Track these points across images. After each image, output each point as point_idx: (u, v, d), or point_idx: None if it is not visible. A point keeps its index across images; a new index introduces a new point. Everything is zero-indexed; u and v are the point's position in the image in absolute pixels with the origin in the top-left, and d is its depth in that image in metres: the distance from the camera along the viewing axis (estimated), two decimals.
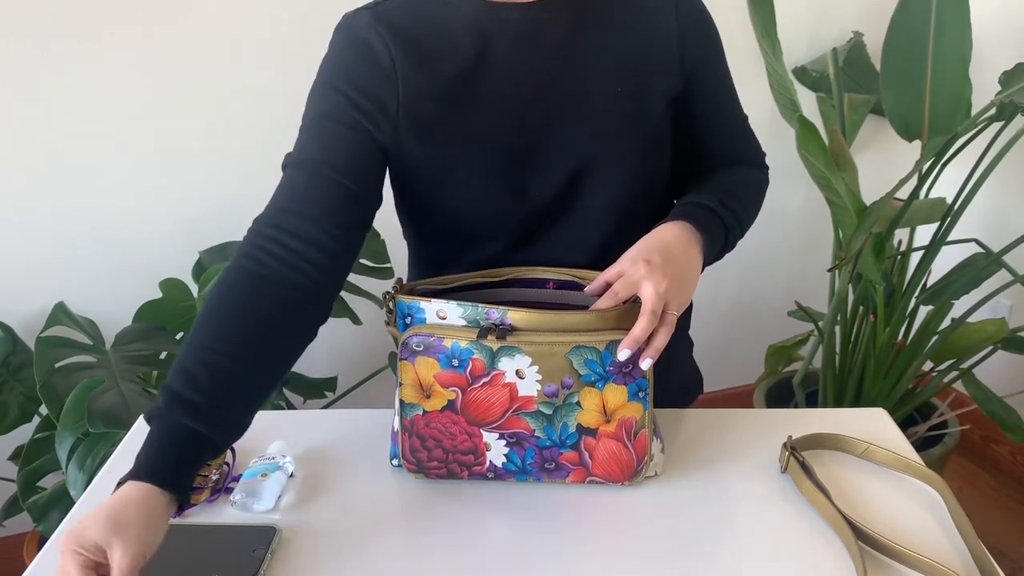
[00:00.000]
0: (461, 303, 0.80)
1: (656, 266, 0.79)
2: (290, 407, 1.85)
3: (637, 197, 0.93)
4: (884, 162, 2.28)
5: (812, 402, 2.07)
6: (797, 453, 0.87)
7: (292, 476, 0.88)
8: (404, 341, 0.80)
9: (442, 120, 0.86)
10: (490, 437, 0.82)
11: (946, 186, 1.87)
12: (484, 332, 0.78)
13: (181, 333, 1.54)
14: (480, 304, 0.79)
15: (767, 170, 1.03)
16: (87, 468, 1.29)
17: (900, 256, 1.86)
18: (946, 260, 1.93)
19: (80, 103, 1.61)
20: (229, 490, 0.85)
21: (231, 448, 0.90)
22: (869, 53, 2.09)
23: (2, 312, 1.68)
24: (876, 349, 1.84)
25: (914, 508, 0.84)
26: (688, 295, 0.83)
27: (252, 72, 1.70)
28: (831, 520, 0.80)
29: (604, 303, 0.80)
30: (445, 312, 0.80)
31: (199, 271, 1.70)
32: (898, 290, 1.84)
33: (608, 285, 0.82)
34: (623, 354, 0.77)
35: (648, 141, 0.91)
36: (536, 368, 0.79)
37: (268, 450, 0.89)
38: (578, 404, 0.80)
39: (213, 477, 0.86)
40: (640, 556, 0.77)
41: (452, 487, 0.87)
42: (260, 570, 0.74)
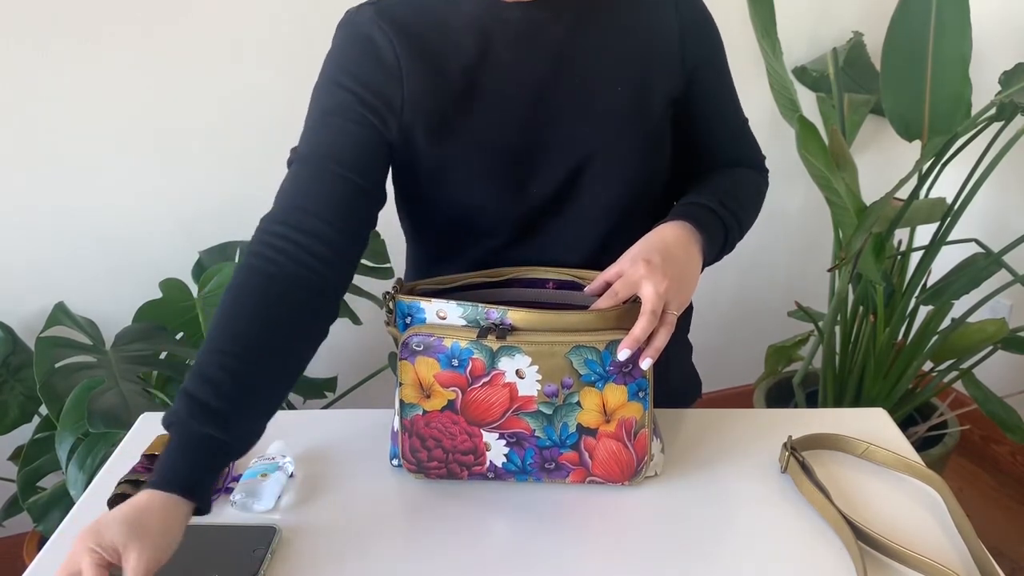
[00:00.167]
0: (461, 303, 0.80)
1: (656, 266, 0.79)
2: (290, 407, 1.85)
3: (636, 197, 0.93)
4: (884, 162, 2.28)
5: (812, 402, 2.07)
6: (797, 453, 0.87)
7: (292, 476, 0.87)
8: (404, 341, 0.80)
9: (445, 117, 0.86)
10: (490, 437, 0.82)
11: (946, 186, 1.87)
12: (484, 332, 0.78)
13: (181, 333, 1.54)
14: (480, 304, 0.79)
15: (767, 173, 1.03)
16: (87, 468, 1.29)
17: (900, 256, 1.86)
18: (946, 260, 1.92)
19: (80, 103, 1.61)
20: (229, 490, 0.85)
21: None
22: (869, 53, 2.09)
23: (2, 312, 1.68)
24: (876, 349, 1.84)
25: (914, 508, 0.84)
26: (688, 295, 0.83)
27: (252, 72, 1.70)
28: (831, 520, 0.80)
29: (604, 303, 0.80)
30: (445, 312, 0.80)
31: (199, 271, 1.70)
32: (898, 290, 1.84)
33: (608, 285, 0.82)
34: (623, 354, 0.77)
35: (648, 141, 0.91)
36: (536, 368, 0.79)
37: (268, 450, 0.89)
38: (578, 404, 0.80)
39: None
40: (640, 556, 0.77)
41: (452, 487, 0.86)
42: (260, 570, 0.74)
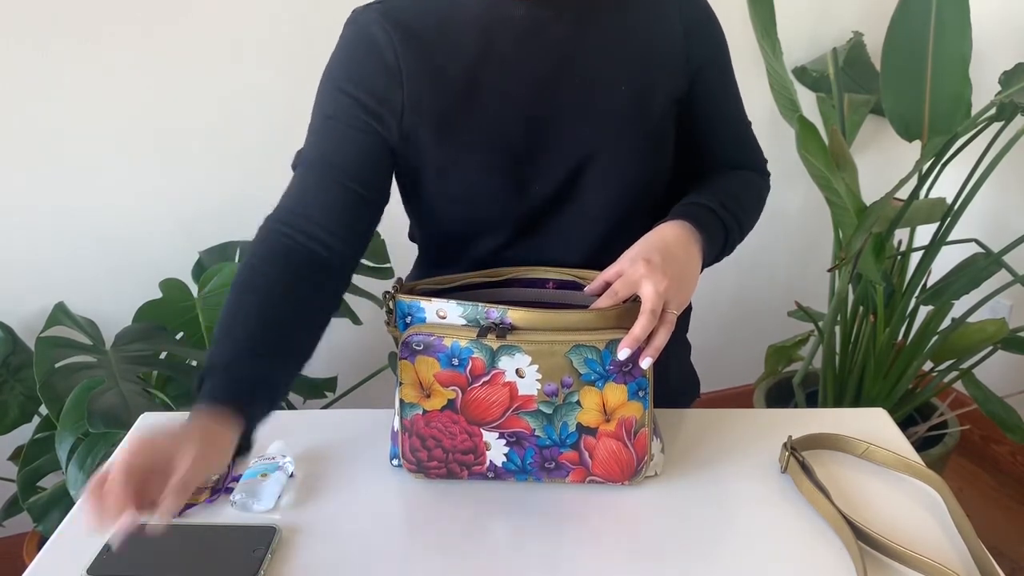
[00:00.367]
0: (461, 302, 0.80)
1: (656, 265, 0.79)
2: (290, 407, 1.85)
3: (637, 196, 0.93)
4: (884, 162, 2.28)
5: (812, 402, 2.07)
6: (797, 453, 0.87)
7: (292, 476, 0.87)
8: (404, 340, 0.80)
9: (446, 116, 0.86)
10: (490, 436, 0.82)
11: (946, 186, 1.87)
12: (484, 331, 0.78)
13: (181, 333, 1.54)
14: (480, 303, 0.79)
15: (769, 177, 1.03)
16: (87, 468, 1.29)
17: (900, 256, 1.86)
18: (946, 260, 1.92)
19: (80, 103, 1.61)
20: (229, 490, 0.85)
21: None
22: (869, 53, 2.09)
23: (2, 312, 1.68)
24: (876, 349, 1.83)
25: (914, 508, 0.84)
26: (688, 294, 0.83)
27: (252, 72, 1.70)
28: (831, 520, 0.80)
29: (604, 302, 0.80)
30: (445, 311, 0.80)
31: (199, 271, 1.70)
32: (898, 290, 1.84)
33: (608, 284, 0.82)
34: (623, 353, 0.77)
35: (650, 141, 0.91)
36: (536, 367, 0.79)
37: (268, 450, 0.89)
38: (578, 403, 0.80)
39: (213, 477, 0.86)
40: (640, 556, 0.77)
41: (452, 487, 0.86)
42: (260, 570, 0.74)
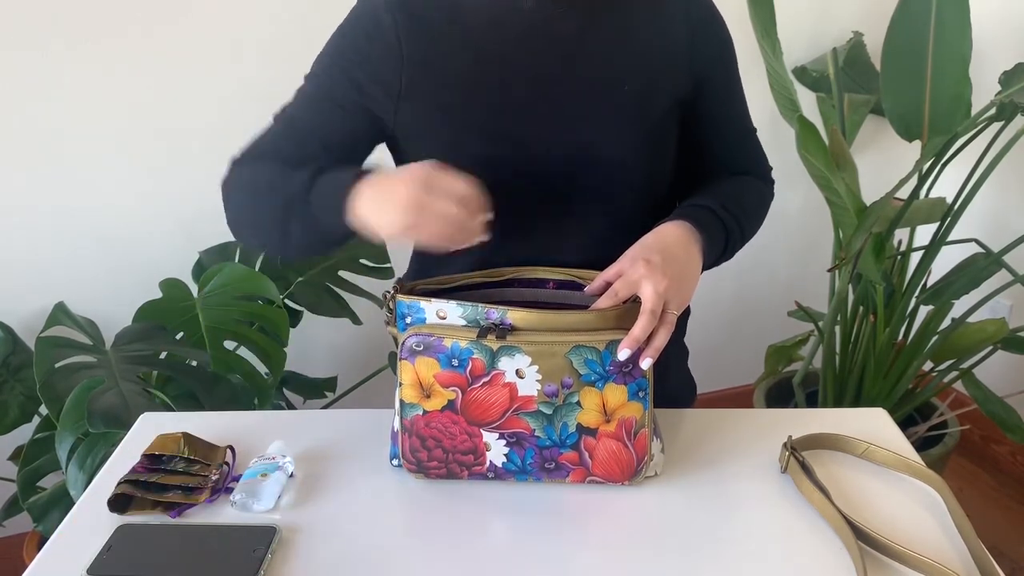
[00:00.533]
0: (461, 303, 0.80)
1: (656, 266, 0.79)
2: (290, 407, 1.85)
3: (637, 196, 0.93)
4: (884, 162, 2.28)
5: (812, 402, 2.07)
6: (797, 453, 0.87)
7: (292, 476, 0.87)
8: (404, 341, 0.80)
9: (445, 103, 0.87)
10: (490, 437, 0.82)
11: (946, 186, 1.87)
12: (484, 332, 0.78)
13: (181, 333, 1.54)
14: (480, 304, 0.79)
15: (773, 184, 1.03)
16: (87, 468, 1.29)
17: (900, 256, 1.86)
18: (946, 260, 1.92)
19: (80, 103, 1.61)
20: (229, 490, 0.85)
21: (231, 448, 0.90)
22: (869, 53, 2.09)
23: (2, 312, 1.68)
24: (876, 349, 1.84)
25: (914, 508, 0.84)
26: (688, 295, 0.83)
27: (252, 72, 1.70)
28: (831, 520, 0.80)
29: (604, 303, 0.80)
30: (445, 312, 0.80)
31: (199, 271, 1.70)
32: (898, 290, 1.84)
33: (608, 285, 0.82)
34: (623, 353, 0.77)
35: (650, 140, 0.91)
36: (536, 368, 0.79)
37: (268, 450, 0.89)
38: (578, 404, 0.80)
39: (213, 477, 0.86)
40: (640, 556, 0.77)
41: (452, 487, 0.86)
42: (260, 570, 0.74)
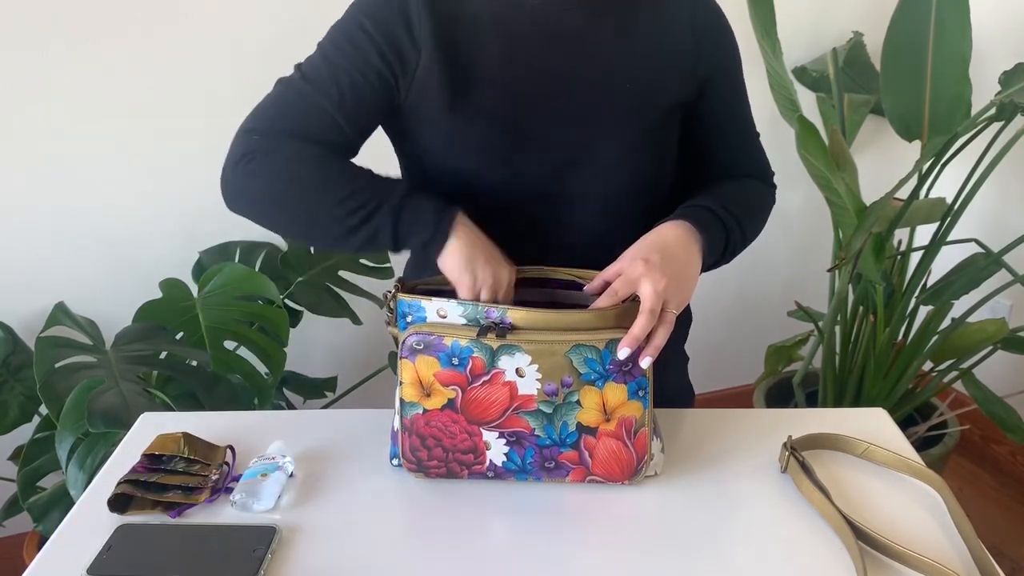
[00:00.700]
0: (461, 302, 0.80)
1: (655, 265, 0.79)
2: (290, 407, 1.84)
3: (635, 196, 0.93)
4: (884, 162, 2.28)
5: (812, 402, 2.07)
6: (797, 453, 0.87)
7: (292, 476, 0.87)
8: (404, 339, 0.80)
9: (453, 91, 0.87)
10: (490, 436, 0.82)
11: (946, 186, 1.87)
12: (484, 330, 0.78)
13: (181, 333, 1.54)
14: (480, 303, 0.79)
15: (775, 189, 1.03)
16: (87, 468, 1.29)
17: (900, 256, 1.86)
18: (946, 260, 1.92)
19: (80, 103, 1.61)
20: (229, 490, 0.85)
21: (231, 448, 0.90)
22: (869, 53, 2.09)
23: (2, 312, 1.68)
24: (876, 349, 1.83)
25: (914, 508, 0.84)
26: (687, 294, 0.83)
27: (252, 72, 1.70)
28: (831, 520, 0.80)
29: (603, 302, 0.80)
30: (445, 311, 0.80)
31: (199, 271, 1.70)
32: (898, 290, 1.84)
33: (607, 284, 0.82)
34: (623, 352, 0.77)
35: (650, 140, 0.91)
36: (536, 367, 0.79)
37: (268, 450, 0.89)
38: (578, 403, 0.80)
39: (213, 477, 0.86)
40: (640, 556, 0.77)
41: (452, 487, 0.86)
42: (260, 570, 0.74)
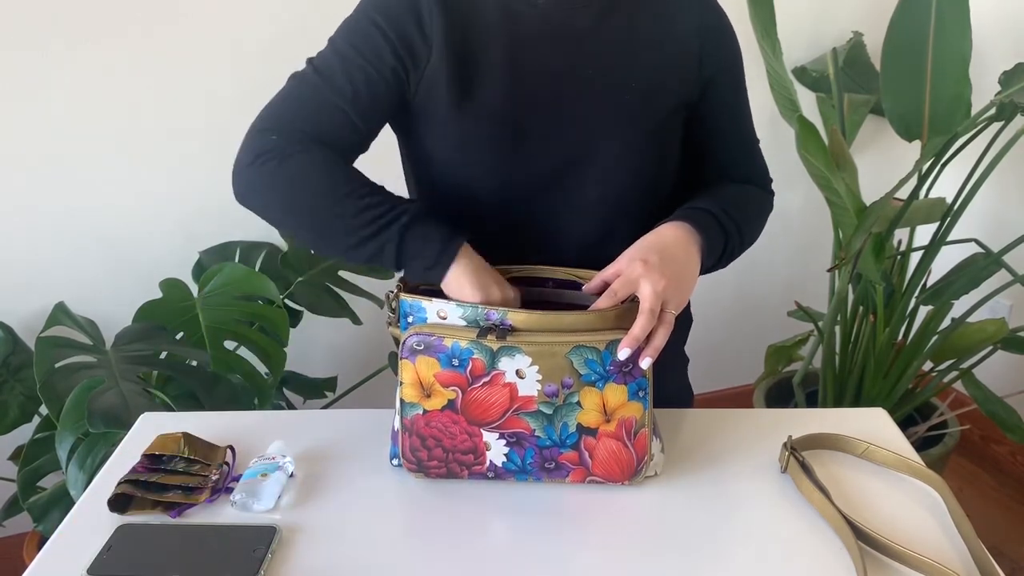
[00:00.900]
0: (461, 303, 0.80)
1: (654, 265, 0.80)
2: (290, 407, 1.85)
3: (635, 196, 0.93)
4: (884, 162, 2.28)
5: (812, 402, 2.07)
6: (797, 453, 0.87)
7: (292, 476, 0.87)
8: (405, 340, 0.80)
9: (459, 87, 0.87)
10: (490, 437, 0.82)
11: (946, 186, 1.87)
12: (484, 332, 0.78)
13: (181, 333, 1.54)
14: (480, 304, 0.79)
15: (773, 196, 1.04)
16: (87, 468, 1.29)
17: (900, 256, 1.86)
18: (946, 260, 1.92)
19: (80, 103, 1.61)
20: (229, 490, 0.85)
21: (231, 448, 0.90)
22: (869, 53, 2.09)
23: (2, 312, 1.68)
24: (876, 349, 1.83)
25: (914, 508, 0.84)
26: (686, 294, 0.83)
27: (252, 72, 1.70)
28: (831, 520, 0.80)
29: (603, 302, 0.80)
30: (446, 312, 0.80)
31: (199, 271, 1.70)
32: (898, 290, 1.84)
33: (607, 284, 0.82)
34: (623, 353, 0.77)
35: (652, 140, 0.92)
36: (536, 368, 0.79)
37: (268, 450, 0.89)
38: (578, 404, 0.80)
39: (213, 477, 0.86)
40: (640, 556, 0.77)
41: (452, 487, 0.86)
42: (260, 570, 0.74)
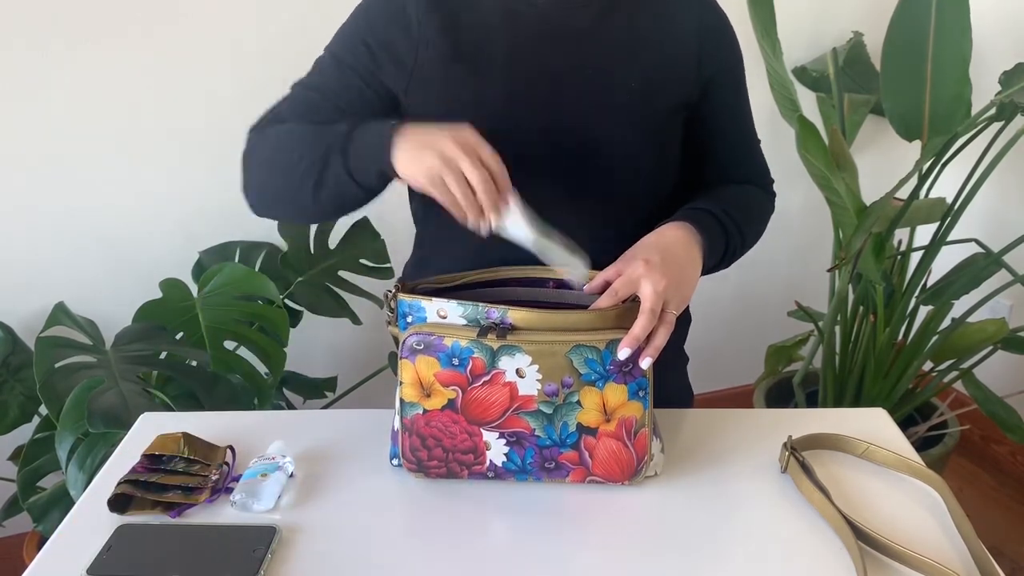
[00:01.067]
0: (462, 302, 0.80)
1: (655, 265, 0.79)
2: (290, 407, 1.85)
3: (637, 196, 0.93)
4: (884, 162, 2.28)
5: (812, 402, 2.07)
6: (797, 453, 0.87)
7: (292, 476, 0.87)
8: (405, 340, 0.80)
9: (454, 84, 0.88)
10: (490, 436, 0.82)
11: (946, 186, 1.87)
12: (484, 331, 0.78)
13: (181, 333, 1.54)
14: (480, 303, 0.79)
15: (774, 197, 1.04)
16: (87, 468, 1.29)
17: (900, 256, 1.86)
18: (946, 260, 1.92)
19: (80, 103, 1.61)
20: (229, 490, 0.85)
21: (231, 448, 0.90)
22: (869, 53, 2.09)
23: (2, 312, 1.68)
24: (876, 349, 1.83)
25: (914, 508, 0.84)
26: (687, 294, 0.83)
27: (252, 72, 1.70)
28: (831, 520, 0.80)
29: (604, 302, 0.80)
30: (445, 311, 0.80)
31: (199, 271, 1.70)
32: (898, 290, 1.84)
33: (608, 284, 0.82)
34: (623, 353, 0.77)
35: (653, 140, 0.92)
36: (536, 367, 0.79)
37: (268, 450, 0.89)
38: (578, 403, 0.80)
39: (213, 477, 0.86)
40: (640, 556, 0.77)
41: (452, 487, 0.86)
42: (260, 570, 0.74)
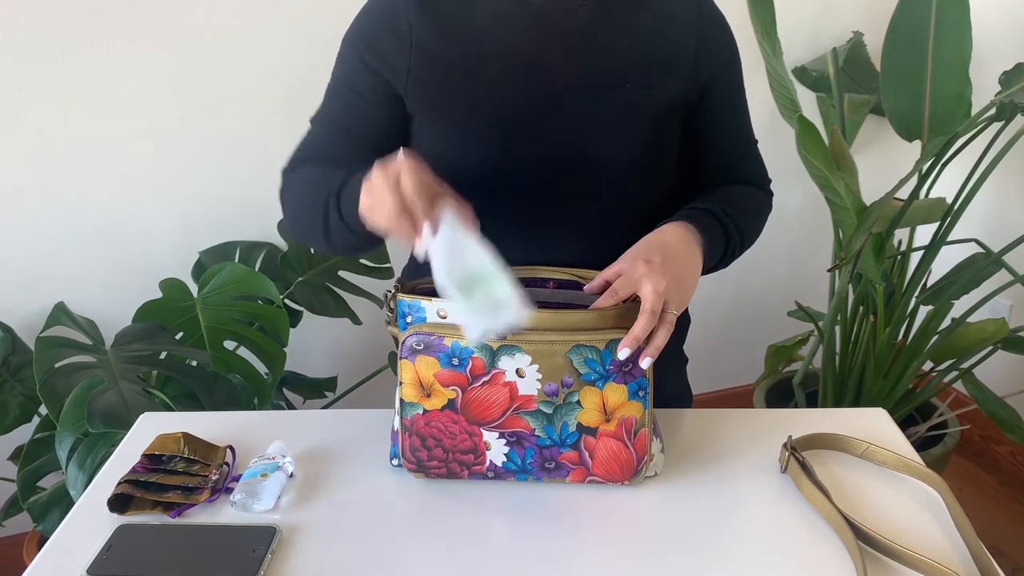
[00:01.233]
0: None
1: (655, 265, 0.79)
2: (290, 407, 1.85)
3: (635, 195, 0.93)
4: (884, 162, 2.28)
5: (812, 402, 2.07)
6: (797, 453, 0.87)
7: (292, 476, 0.87)
8: (404, 340, 0.80)
9: (449, 87, 0.88)
10: (490, 436, 0.82)
11: (946, 186, 1.87)
12: None
13: (181, 333, 1.54)
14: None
15: (771, 197, 1.04)
16: (87, 468, 1.29)
17: (900, 256, 1.86)
18: (946, 260, 1.92)
19: (80, 103, 1.61)
20: (229, 490, 0.85)
21: (231, 448, 0.90)
22: (869, 53, 2.09)
23: (2, 312, 1.68)
24: (876, 349, 1.83)
25: (914, 508, 0.84)
26: (688, 294, 0.83)
27: (252, 72, 1.70)
28: (831, 520, 0.80)
29: (604, 302, 0.80)
30: (445, 311, 0.80)
31: (199, 271, 1.70)
32: (898, 290, 1.84)
33: (608, 284, 0.82)
34: (623, 353, 0.77)
35: (650, 139, 0.92)
36: (536, 367, 0.79)
37: (268, 450, 0.89)
38: (578, 403, 0.80)
39: (213, 477, 0.86)
40: (640, 556, 0.77)
41: (452, 487, 0.86)
42: (260, 570, 0.74)
